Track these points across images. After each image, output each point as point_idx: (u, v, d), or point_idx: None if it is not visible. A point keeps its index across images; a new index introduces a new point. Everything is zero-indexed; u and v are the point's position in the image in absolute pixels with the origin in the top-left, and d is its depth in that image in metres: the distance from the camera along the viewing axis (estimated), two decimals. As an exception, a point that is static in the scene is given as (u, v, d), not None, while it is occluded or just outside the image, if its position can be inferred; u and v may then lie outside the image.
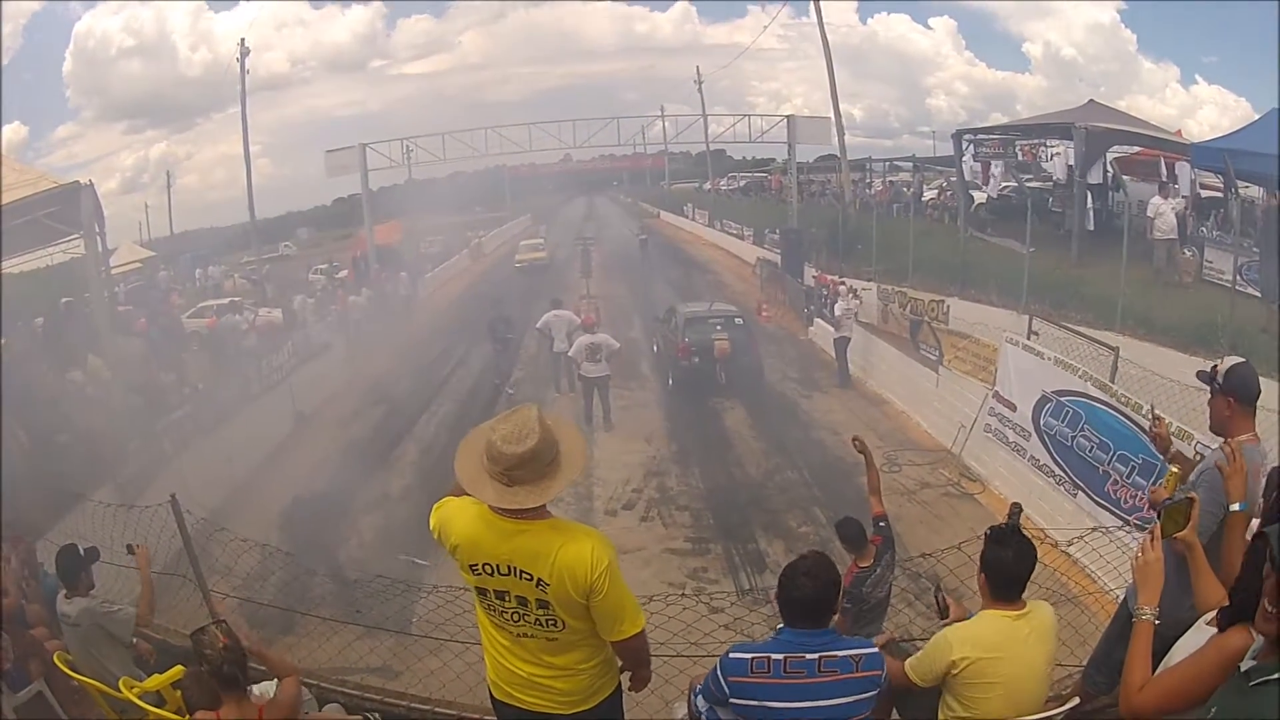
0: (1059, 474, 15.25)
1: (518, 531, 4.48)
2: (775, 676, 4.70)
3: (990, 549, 5.23)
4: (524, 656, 4.79)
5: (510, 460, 4.34)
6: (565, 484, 4.55)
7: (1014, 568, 5.15)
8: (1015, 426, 16.72)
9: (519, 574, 4.50)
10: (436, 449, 21.44)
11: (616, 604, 4.57)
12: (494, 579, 4.58)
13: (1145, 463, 12.83)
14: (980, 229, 32.71)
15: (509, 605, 4.63)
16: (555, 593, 4.46)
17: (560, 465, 4.51)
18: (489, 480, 4.43)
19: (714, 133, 46.35)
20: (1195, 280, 22.98)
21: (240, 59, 42.86)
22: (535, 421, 4.47)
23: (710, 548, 15.74)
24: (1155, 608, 4.28)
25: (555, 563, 4.42)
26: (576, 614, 4.57)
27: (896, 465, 18.34)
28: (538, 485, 4.41)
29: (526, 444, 4.36)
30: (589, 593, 4.45)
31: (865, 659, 4.75)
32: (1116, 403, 13.88)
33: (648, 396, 24.83)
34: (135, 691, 7.08)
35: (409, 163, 42.99)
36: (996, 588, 5.19)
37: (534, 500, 4.41)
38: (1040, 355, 16.46)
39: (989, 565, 5.21)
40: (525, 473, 4.37)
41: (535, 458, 4.37)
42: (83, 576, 8.07)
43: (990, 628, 5.16)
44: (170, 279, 44.09)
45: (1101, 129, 28.26)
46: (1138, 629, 4.28)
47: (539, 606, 4.55)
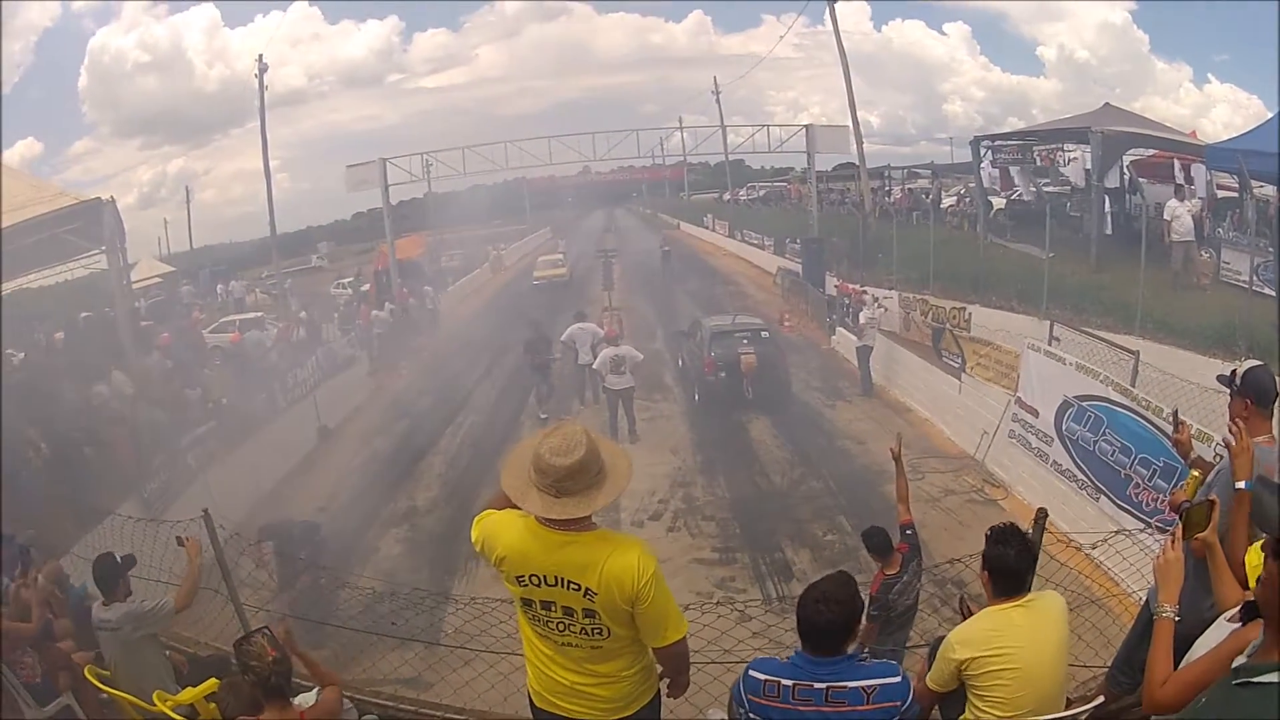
0: (1081, 479, 15.29)
1: (566, 543, 4.61)
2: (784, 702, 4.80)
3: (992, 548, 5.38)
4: (567, 665, 4.89)
5: (558, 472, 4.46)
6: (612, 496, 4.66)
7: (1015, 565, 5.31)
8: (1038, 432, 16.75)
9: (567, 584, 4.61)
10: (461, 463, 21.63)
11: (661, 611, 4.70)
12: (541, 589, 4.68)
13: (1167, 466, 12.88)
14: (999, 235, 32.73)
15: (555, 615, 4.74)
16: (602, 601, 4.59)
17: (606, 478, 4.63)
18: (536, 492, 4.55)
19: (732, 143, 46.40)
20: (1213, 282, 22.98)
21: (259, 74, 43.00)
22: (582, 435, 4.60)
23: (737, 557, 15.75)
24: (1176, 605, 4.43)
25: (603, 572, 4.55)
26: (622, 622, 4.70)
27: (920, 473, 18.27)
28: (585, 496, 4.54)
29: (574, 456, 4.47)
30: (635, 600, 4.57)
31: (880, 690, 4.74)
32: (1138, 407, 13.91)
33: (672, 408, 24.82)
34: (169, 704, 7.24)
35: (429, 177, 43.04)
36: (999, 585, 5.35)
37: (581, 510, 4.54)
38: (1062, 361, 16.48)
39: (991, 563, 5.37)
40: (573, 484, 4.49)
41: (583, 470, 4.49)
42: (120, 584, 8.16)
43: (986, 622, 5.33)
44: (192, 294, 44.27)
45: (1117, 133, 28.27)
46: (1159, 627, 4.41)
47: (585, 615, 4.67)
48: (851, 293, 30.60)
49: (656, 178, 58.65)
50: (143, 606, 8.06)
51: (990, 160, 35.92)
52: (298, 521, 13.46)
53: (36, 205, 19.23)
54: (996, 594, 5.36)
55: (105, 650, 8.23)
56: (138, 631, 8.05)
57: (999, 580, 5.34)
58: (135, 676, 8.01)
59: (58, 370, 20.65)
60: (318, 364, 27.15)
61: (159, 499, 16.50)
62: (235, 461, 19.81)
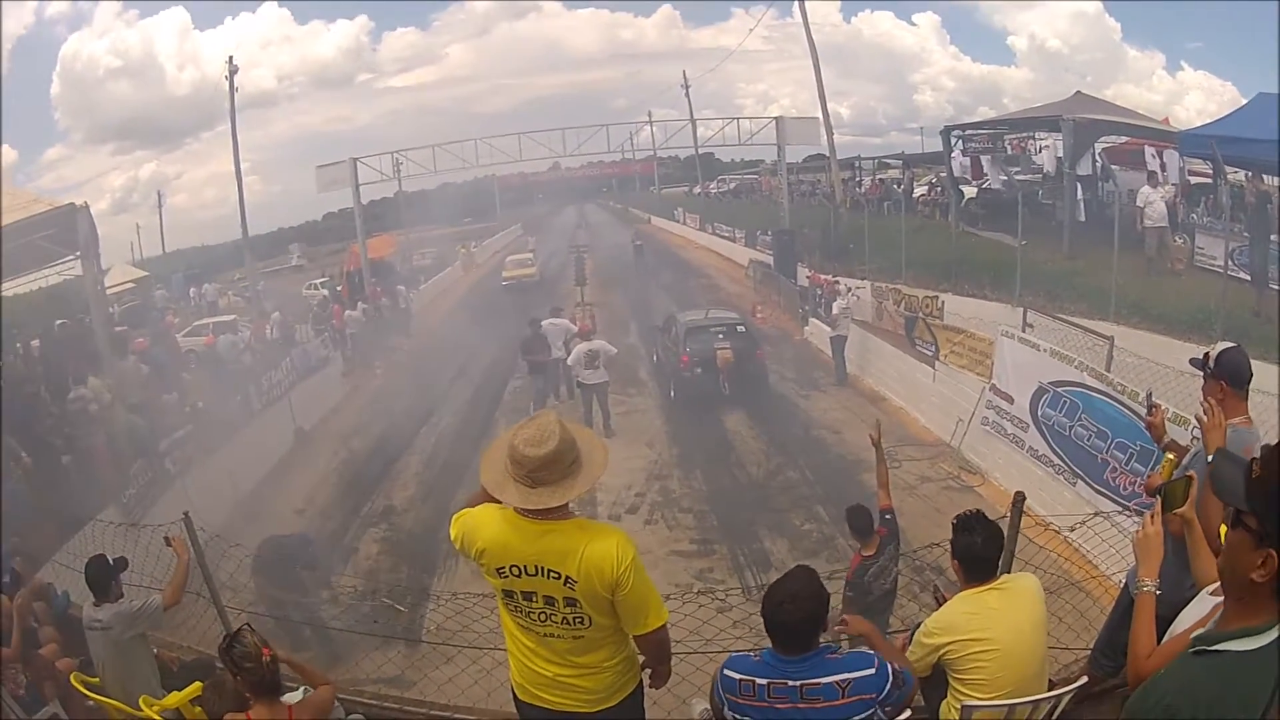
0: (1058, 463, 15.34)
1: (545, 532, 4.60)
2: (760, 700, 4.78)
3: (960, 536, 5.49)
4: (549, 657, 4.88)
5: (533, 463, 4.46)
6: (588, 484, 4.67)
7: (982, 550, 5.43)
8: (1013, 418, 16.81)
9: (547, 573, 4.60)
10: (438, 461, 21.59)
11: (641, 597, 4.69)
12: (521, 580, 4.67)
13: (1143, 449, 12.94)
14: (971, 224, 32.80)
15: (536, 605, 4.72)
16: (583, 589, 4.57)
17: (581, 466, 4.64)
18: (513, 484, 4.55)
19: (702, 136, 46.47)
20: (1187, 267, 23.06)
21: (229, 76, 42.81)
22: (555, 425, 4.60)
23: (715, 549, 15.74)
24: (1156, 580, 4.42)
25: (583, 560, 4.53)
26: (603, 610, 4.67)
27: (896, 460, 18.28)
28: (560, 485, 4.54)
29: (548, 446, 4.48)
30: (615, 586, 4.55)
31: (854, 684, 4.72)
32: (1113, 391, 13.97)
33: (647, 402, 24.87)
34: (155, 709, 7.18)
35: (399, 176, 42.96)
36: (970, 571, 5.48)
37: (556, 500, 4.53)
38: (1036, 347, 16.54)
39: (959, 551, 5.50)
40: (547, 474, 4.49)
41: (557, 459, 4.50)
42: (113, 585, 8.11)
43: (961, 606, 5.40)
44: (166, 298, 44.11)
45: (1089, 120, 28.35)
46: (1140, 601, 4.40)
47: (566, 604, 4.65)
48: (824, 283, 30.76)
49: (627, 173, 58.70)
50: (131, 606, 8.05)
51: (961, 149, 36.00)
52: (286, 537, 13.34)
53: (10, 212, 19.09)
54: (969, 580, 5.44)
55: (94, 650, 8.21)
56: (128, 632, 8.04)
57: (969, 567, 5.44)
58: (123, 678, 8.03)
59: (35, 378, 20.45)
60: (292, 365, 27.03)
61: (138, 504, 16.35)
62: (213, 465, 19.67)
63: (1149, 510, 4.77)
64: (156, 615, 8.19)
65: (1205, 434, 5.44)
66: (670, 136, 48.13)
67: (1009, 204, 29.70)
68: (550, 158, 45.49)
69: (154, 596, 8.25)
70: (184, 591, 8.45)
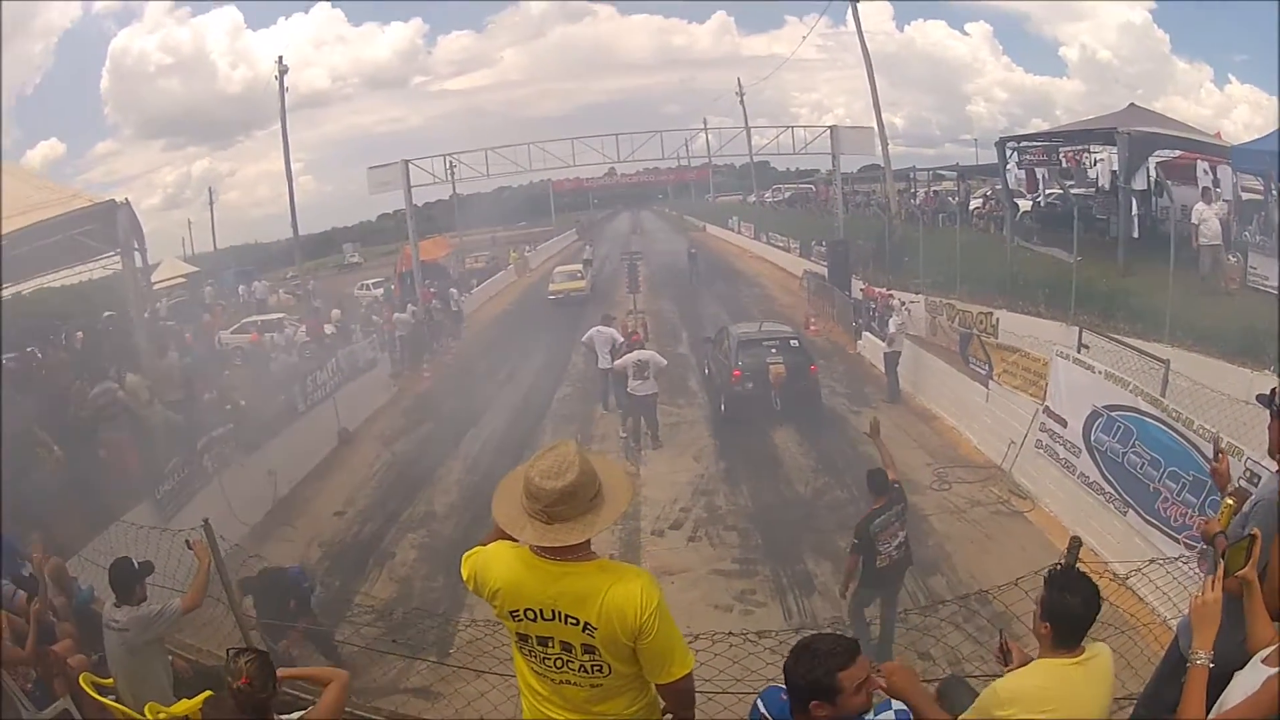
0: (1109, 491, 15.02)
1: (563, 574, 4.29)
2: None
3: (1055, 595, 4.78)
4: (564, 705, 4.59)
5: (550, 496, 4.13)
6: (609, 520, 4.32)
7: (1082, 614, 4.77)
8: (1065, 443, 16.50)
9: (564, 619, 4.29)
10: (481, 468, 21.51)
11: (666, 645, 4.33)
12: (537, 624, 4.37)
13: (1196, 480, 12.65)
14: (1026, 238, 32.53)
15: (552, 652, 4.43)
16: (602, 636, 4.26)
17: (604, 501, 4.30)
18: (528, 520, 4.24)
19: (757, 144, 46.71)
20: (1240, 286, 22.78)
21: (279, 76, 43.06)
22: (574, 455, 4.25)
23: (758, 569, 15.53)
24: (1210, 652, 4.25)
25: (604, 605, 4.22)
26: (624, 658, 4.36)
27: (946, 483, 18.23)
28: (579, 522, 4.20)
29: (566, 479, 4.14)
30: (638, 635, 4.23)
31: None
32: (1168, 418, 13.66)
33: (696, 414, 24.66)
34: (162, 717, 7.13)
35: (452, 178, 43.02)
36: (1061, 636, 4.79)
37: (575, 537, 4.20)
38: (1091, 369, 16.23)
39: (1054, 613, 4.78)
40: (566, 509, 4.16)
41: (576, 493, 4.16)
42: (136, 589, 8.13)
43: (1043, 679, 4.80)
44: (214, 294, 44.36)
45: (1144, 133, 28.06)
46: (1193, 675, 4.26)
47: (585, 652, 4.35)
48: (877, 296, 30.60)
49: (681, 179, 58.61)
50: (150, 610, 8.08)
51: (1016, 161, 35.73)
52: (286, 569, 13.22)
53: (49, 208, 19.18)
54: (1057, 645, 4.83)
55: (109, 649, 8.26)
56: (144, 636, 8.06)
57: (1062, 632, 4.80)
58: (135, 683, 8.07)
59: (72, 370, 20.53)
60: (338, 366, 27.08)
61: (171, 501, 16.47)
62: (252, 464, 19.85)
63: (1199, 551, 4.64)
64: (173, 618, 8.21)
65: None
66: (725, 144, 48.25)
67: (1063, 218, 29.45)
68: (604, 163, 45.43)
69: (174, 600, 8.26)
70: (204, 595, 8.45)
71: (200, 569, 8.39)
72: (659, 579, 4.62)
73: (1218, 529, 5.74)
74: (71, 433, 17.14)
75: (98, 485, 16.26)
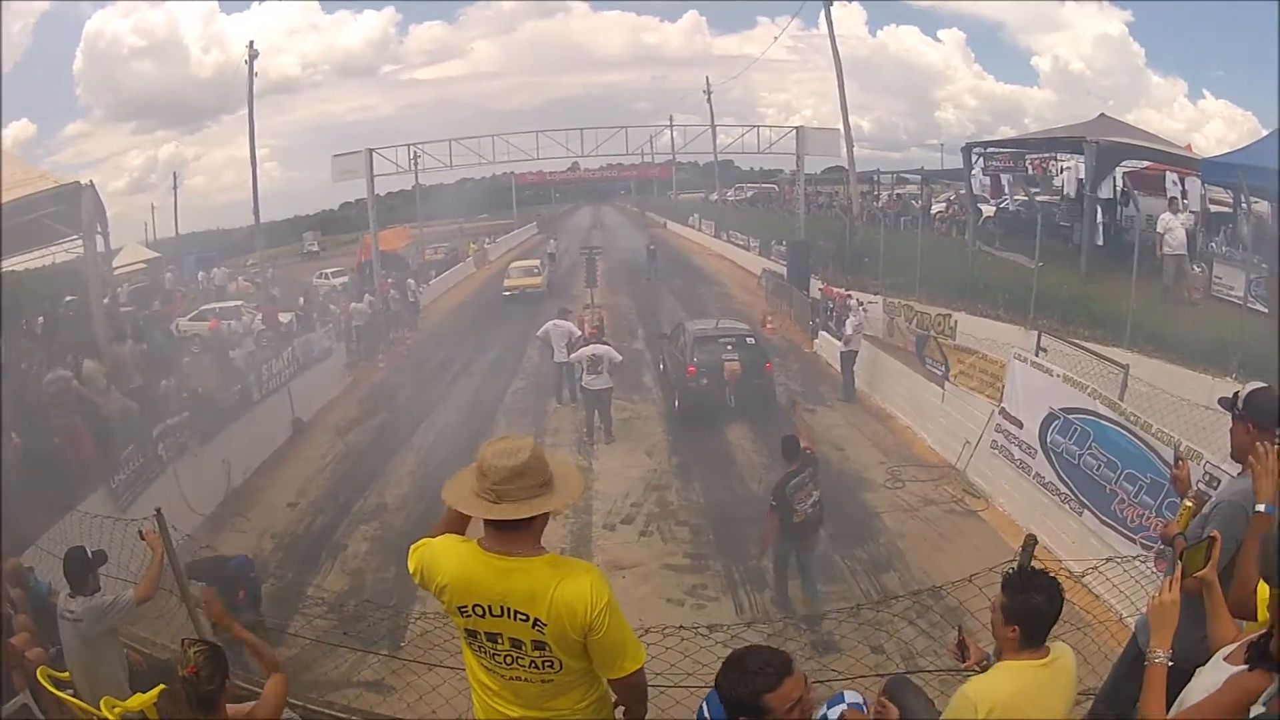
0: (1064, 492, 15.02)
1: (511, 570, 4.23)
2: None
3: (1018, 597, 4.76)
4: (515, 701, 4.52)
5: (500, 474, 4.15)
6: (556, 505, 4.28)
7: (1047, 612, 4.76)
8: (1021, 443, 16.50)
9: (514, 615, 4.24)
10: (434, 460, 21.35)
11: (617, 640, 4.32)
12: (485, 620, 4.30)
13: (1154, 482, 12.68)
14: (988, 242, 32.66)
15: (501, 648, 4.36)
16: (552, 632, 4.21)
17: (553, 491, 4.28)
18: (476, 498, 4.24)
19: (722, 143, 46.80)
20: (1204, 296, 22.89)
21: (249, 61, 42.99)
22: (529, 443, 4.29)
23: (709, 564, 15.44)
24: (1168, 651, 4.19)
25: (553, 601, 4.17)
26: (574, 653, 4.32)
27: (900, 481, 18.22)
28: (526, 504, 4.18)
29: (517, 459, 4.16)
30: (588, 630, 4.20)
31: None
32: (1126, 421, 13.65)
33: (650, 409, 24.58)
34: (117, 712, 6.94)
35: (416, 168, 42.86)
36: (1029, 637, 4.76)
37: (520, 513, 4.16)
38: (1049, 372, 16.21)
39: (1020, 615, 4.74)
40: (514, 489, 4.16)
41: (525, 474, 4.16)
42: (90, 579, 8.07)
43: (1015, 681, 4.77)
44: (174, 281, 44.03)
45: (1112, 143, 28.26)
46: (1152, 672, 4.20)
47: (535, 648, 4.30)
48: (836, 296, 30.54)
49: (645, 176, 58.69)
50: (104, 600, 7.99)
51: (981, 167, 35.87)
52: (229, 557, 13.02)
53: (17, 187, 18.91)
54: (1022, 646, 4.80)
55: (65, 641, 8.19)
56: (98, 626, 7.99)
57: (1029, 632, 4.77)
58: (90, 675, 7.99)
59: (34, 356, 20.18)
60: (293, 355, 26.81)
61: (127, 490, 16.19)
62: (207, 453, 19.62)
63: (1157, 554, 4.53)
64: (127, 608, 8.05)
65: (1256, 480, 5.11)
66: (690, 141, 48.48)
67: (1026, 224, 29.62)
68: (568, 157, 45.55)
69: (126, 591, 8.13)
70: (157, 586, 8.27)
71: (153, 559, 8.26)
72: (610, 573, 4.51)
73: (1176, 531, 5.82)
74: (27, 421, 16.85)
75: (54, 474, 16.01)
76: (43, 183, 20.06)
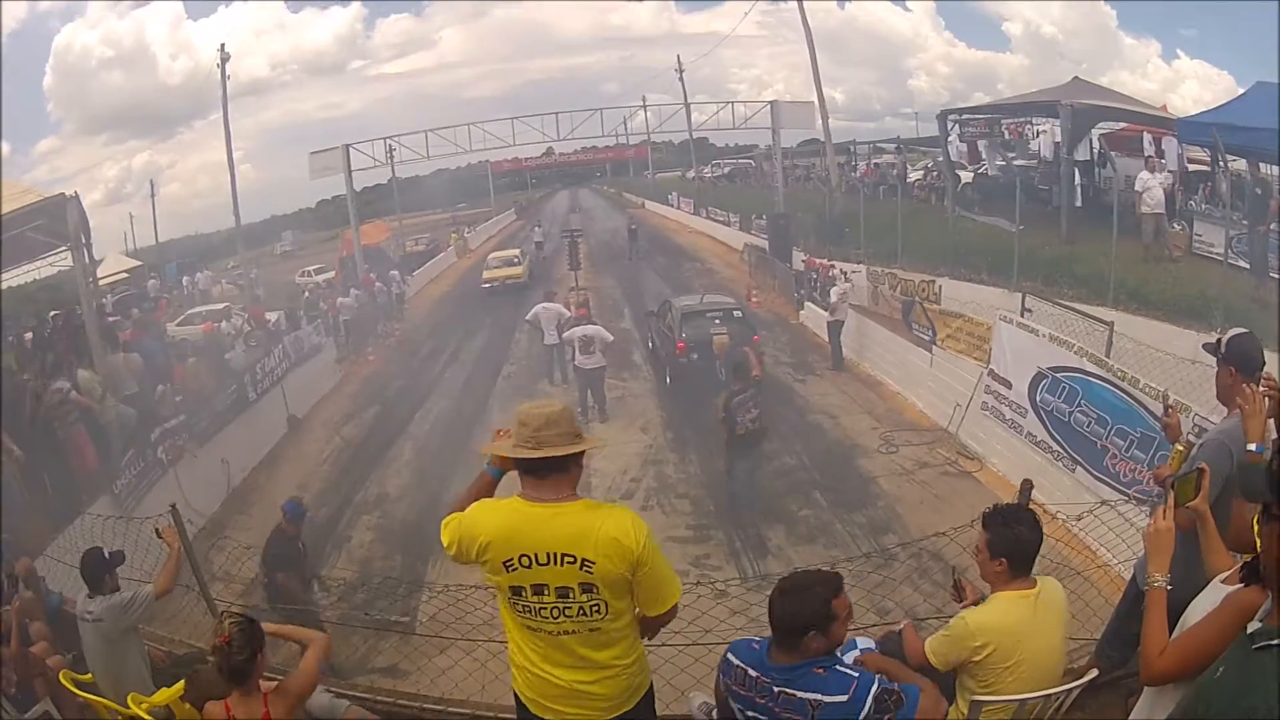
0: (1057, 449, 15.23)
1: (555, 514, 4.41)
2: (747, 690, 4.68)
3: (1002, 531, 5.09)
4: (563, 662, 4.64)
5: (538, 420, 4.46)
6: (589, 445, 4.66)
7: (1030, 540, 5.07)
8: (1011, 404, 16.67)
9: (561, 559, 4.39)
10: (431, 448, 21.53)
11: (662, 574, 4.55)
12: (532, 571, 4.43)
13: (1144, 436, 12.88)
14: (968, 208, 32.77)
15: (547, 600, 4.48)
16: (600, 570, 4.37)
17: (581, 439, 4.58)
18: (517, 447, 4.52)
19: (696, 121, 46.65)
20: (1185, 254, 23.08)
21: (221, 64, 42.78)
22: (559, 401, 4.74)
23: (712, 534, 15.62)
24: (1167, 575, 4.30)
25: (599, 539, 4.34)
26: (621, 592, 4.48)
27: (893, 446, 18.39)
28: (562, 446, 4.46)
29: (551, 408, 4.52)
30: (636, 565, 4.38)
31: (824, 708, 4.51)
32: (1113, 377, 13.82)
33: (641, 386, 24.74)
34: (144, 707, 7.08)
35: (392, 162, 42.90)
36: (1016, 568, 5.08)
37: (561, 450, 4.44)
38: (1035, 332, 16.36)
39: (1005, 548, 5.07)
40: (551, 435, 4.45)
41: (559, 420, 4.48)
42: (107, 579, 8.08)
43: (1009, 611, 5.07)
44: (158, 288, 43.99)
45: (1087, 105, 28.31)
46: (1152, 597, 4.29)
47: (583, 591, 4.44)
48: (819, 268, 30.67)
49: (620, 157, 58.56)
50: (123, 598, 8.01)
51: (958, 134, 35.94)
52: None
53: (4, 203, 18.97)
54: (1011, 578, 5.11)
55: (86, 643, 8.17)
56: (119, 624, 7.99)
57: (1015, 563, 5.08)
58: (114, 674, 7.99)
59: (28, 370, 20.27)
60: (284, 353, 26.91)
61: (130, 495, 16.33)
62: (205, 454, 19.75)
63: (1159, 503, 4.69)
64: (146, 604, 8.11)
65: (1246, 420, 5.33)
66: (664, 121, 48.34)
67: (1005, 189, 29.70)
68: (543, 142, 45.48)
69: (145, 587, 8.17)
70: (176, 580, 8.35)
71: (171, 554, 8.36)
72: None
73: (1168, 473, 5.85)
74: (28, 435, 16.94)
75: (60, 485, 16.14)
76: (27, 197, 20.12)
